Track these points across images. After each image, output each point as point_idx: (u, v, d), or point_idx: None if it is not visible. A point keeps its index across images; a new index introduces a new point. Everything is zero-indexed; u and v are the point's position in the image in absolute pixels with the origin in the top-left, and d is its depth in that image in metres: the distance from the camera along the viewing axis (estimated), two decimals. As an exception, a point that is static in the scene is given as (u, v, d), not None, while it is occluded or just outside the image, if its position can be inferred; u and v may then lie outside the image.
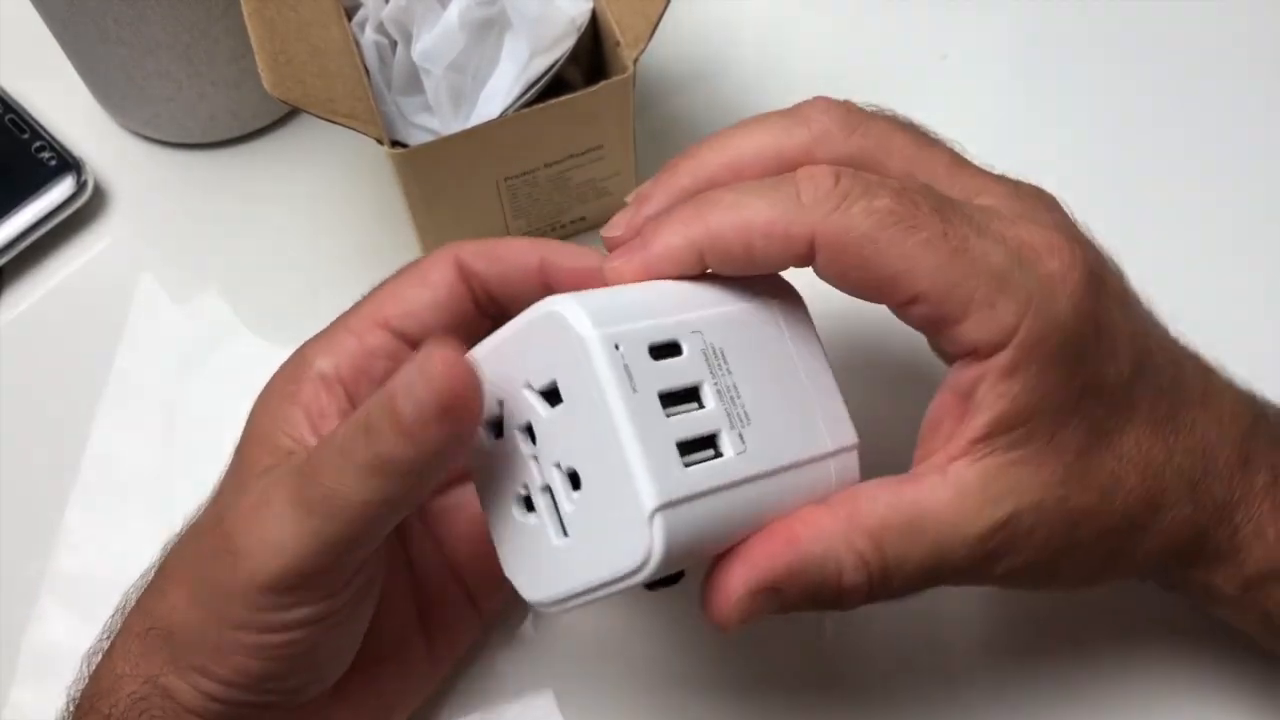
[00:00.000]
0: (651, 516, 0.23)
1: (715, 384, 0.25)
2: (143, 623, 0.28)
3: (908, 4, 0.51)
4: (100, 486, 0.40)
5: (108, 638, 0.29)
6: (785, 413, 0.26)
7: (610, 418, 0.23)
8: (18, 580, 0.38)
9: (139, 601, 0.29)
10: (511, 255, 0.29)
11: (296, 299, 0.44)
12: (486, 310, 0.29)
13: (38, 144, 0.46)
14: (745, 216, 0.25)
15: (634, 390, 0.23)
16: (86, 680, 0.29)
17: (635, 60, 0.37)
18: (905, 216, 0.25)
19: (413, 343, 0.29)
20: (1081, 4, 0.51)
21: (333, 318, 0.32)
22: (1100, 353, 0.26)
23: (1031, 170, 0.46)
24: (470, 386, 0.24)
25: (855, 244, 0.25)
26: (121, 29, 0.42)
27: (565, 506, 0.25)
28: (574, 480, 0.24)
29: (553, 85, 0.39)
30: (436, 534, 0.33)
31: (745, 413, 0.25)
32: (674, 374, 0.24)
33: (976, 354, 0.25)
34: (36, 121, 0.47)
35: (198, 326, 0.44)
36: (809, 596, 0.25)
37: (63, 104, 0.48)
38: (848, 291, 0.26)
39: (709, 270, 0.27)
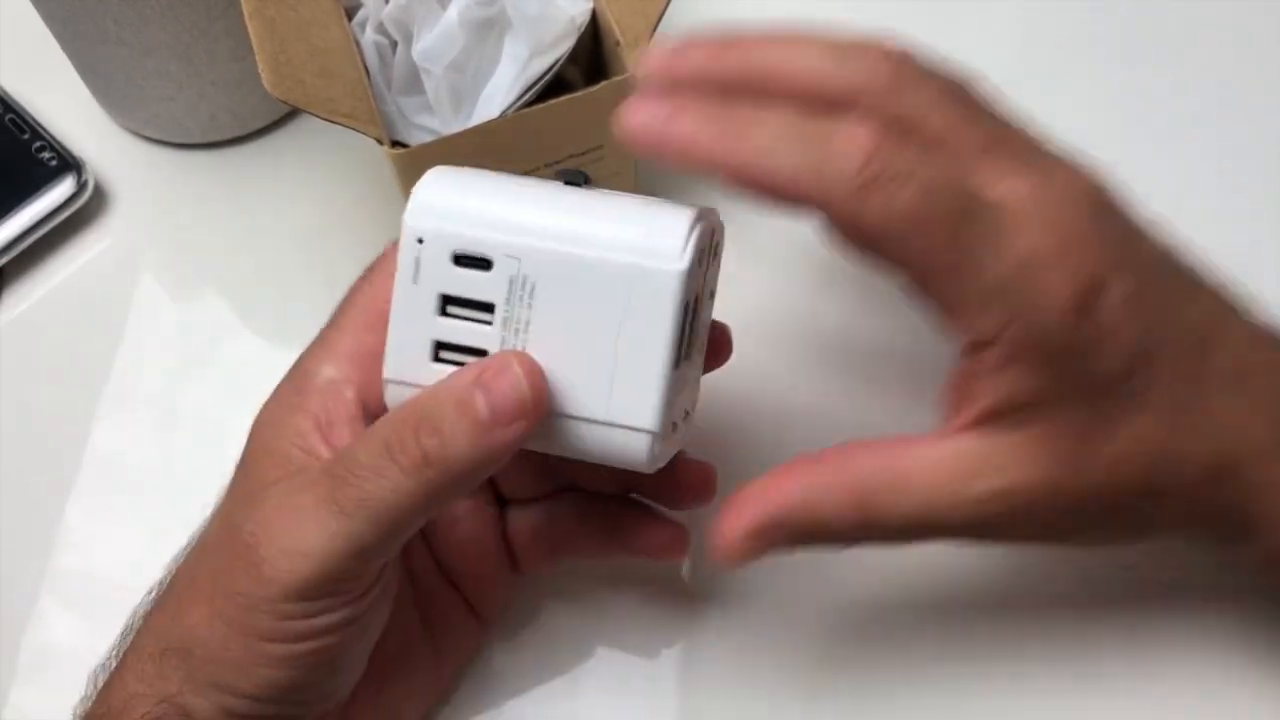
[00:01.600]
0: (385, 384, 0.27)
1: (506, 311, 0.26)
2: (156, 644, 0.28)
3: (908, 4, 0.51)
4: (100, 486, 0.40)
5: (116, 656, 0.29)
6: (567, 367, 0.26)
7: (394, 297, 0.27)
8: (18, 580, 0.38)
9: (148, 623, 0.28)
10: None
11: (296, 299, 0.44)
12: None
13: (38, 144, 0.46)
14: (773, 164, 0.25)
15: (414, 282, 0.27)
16: (94, 699, 0.29)
17: (635, 60, 0.37)
18: (920, 219, 0.25)
19: None
20: (1081, 4, 0.51)
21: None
22: (1097, 353, 0.26)
23: (1031, 170, 0.46)
24: (546, 391, 0.25)
25: (864, 230, 0.25)
26: (121, 29, 0.42)
27: None
28: None
29: (553, 85, 0.39)
30: (433, 545, 0.33)
31: (523, 347, 0.26)
32: (463, 283, 0.27)
33: (971, 347, 0.26)
34: (37, 121, 0.47)
35: (198, 326, 0.44)
36: (800, 539, 0.27)
37: (63, 104, 0.48)
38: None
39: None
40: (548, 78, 0.39)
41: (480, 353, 0.27)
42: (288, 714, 0.27)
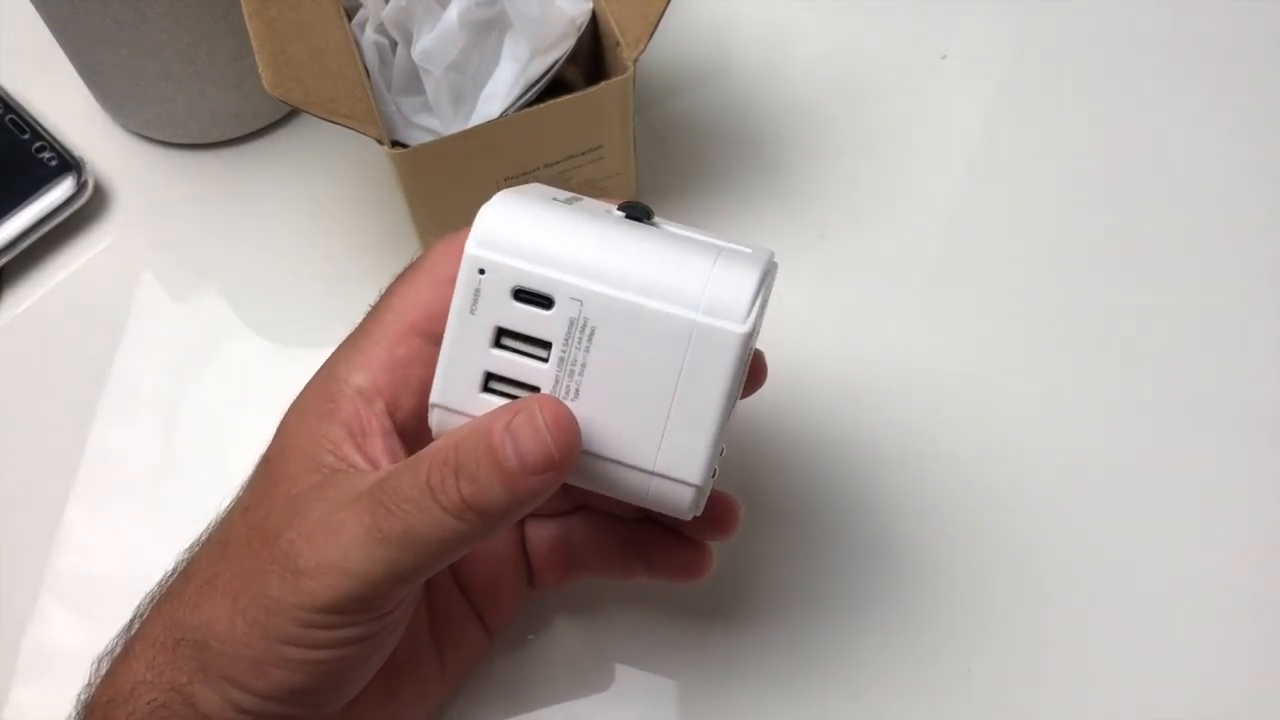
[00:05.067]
0: (431, 408, 0.27)
1: (563, 351, 0.26)
2: (170, 633, 0.28)
3: (908, 4, 0.51)
4: (100, 486, 0.40)
5: (121, 642, 0.29)
6: (619, 413, 0.26)
7: (448, 324, 0.27)
8: (18, 580, 0.38)
9: (161, 610, 0.28)
10: None
11: (297, 299, 0.44)
12: None
13: (38, 144, 0.46)
14: None
15: (471, 312, 0.26)
16: (97, 684, 0.29)
17: (635, 60, 0.37)
18: None
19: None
20: (1081, 4, 0.51)
21: (334, 318, 0.32)
22: None
23: (1031, 169, 0.46)
24: (575, 442, 0.25)
25: None
26: (122, 29, 0.42)
27: None
28: None
29: (553, 85, 0.39)
30: None
31: (576, 389, 0.26)
32: (522, 319, 0.26)
33: None
34: (37, 122, 0.47)
35: (198, 326, 0.44)
36: None
37: (63, 104, 0.48)
38: None
39: None
40: (548, 78, 0.39)
41: (532, 388, 0.26)
42: (293, 714, 0.27)
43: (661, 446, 0.26)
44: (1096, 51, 0.49)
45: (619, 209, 0.28)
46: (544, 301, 0.26)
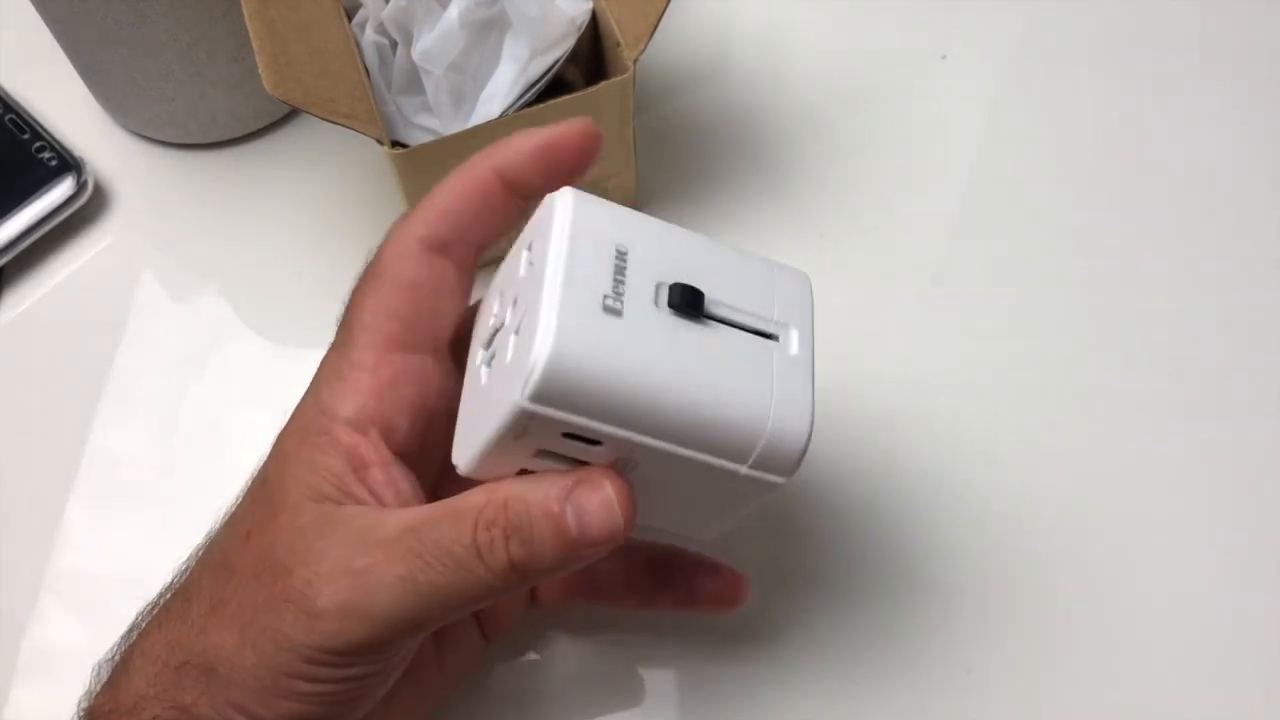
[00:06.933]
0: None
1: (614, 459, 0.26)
2: (173, 654, 0.27)
3: (908, 4, 0.51)
4: (100, 486, 0.40)
5: (120, 652, 0.29)
6: (662, 504, 0.27)
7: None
8: (18, 580, 0.38)
9: (162, 628, 0.28)
10: (457, 203, 0.29)
11: (297, 299, 0.44)
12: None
13: (38, 144, 0.46)
14: None
15: (515, 439, 0.24)
16: (98, 691, 0.28)
17: (635, 60, 0.37)
18: None
19: (423, 348, 0.29)
20: (1081, 4, 0.51)
21: (333, 318, 0.32)
22: None
23: (1031, 169, 0.46)
24: (634, 518, 0.25)
25: None
26: (122, 29, 0.42)
27: (504, 358, 0.25)
28: (516, 344, 0.25)
29: (553, 85, 0.39)
30: None
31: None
32: (569, 448, 0.25)
33: None
34: (37, 122, 0.47)
35: (198, 326, 0.44)
36: None
37: (63, 104, 0.48)
38: None
39: None
40: (548, 78, 0.39)
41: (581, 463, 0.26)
42: None
43: (700, 529, 0.29)
44: (1096, 51, 0.49)
45: (670, 299, 0.25)
46: (593, 441, 0.25)
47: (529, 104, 0.39)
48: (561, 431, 0.24)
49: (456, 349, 0.30)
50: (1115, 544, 0.38)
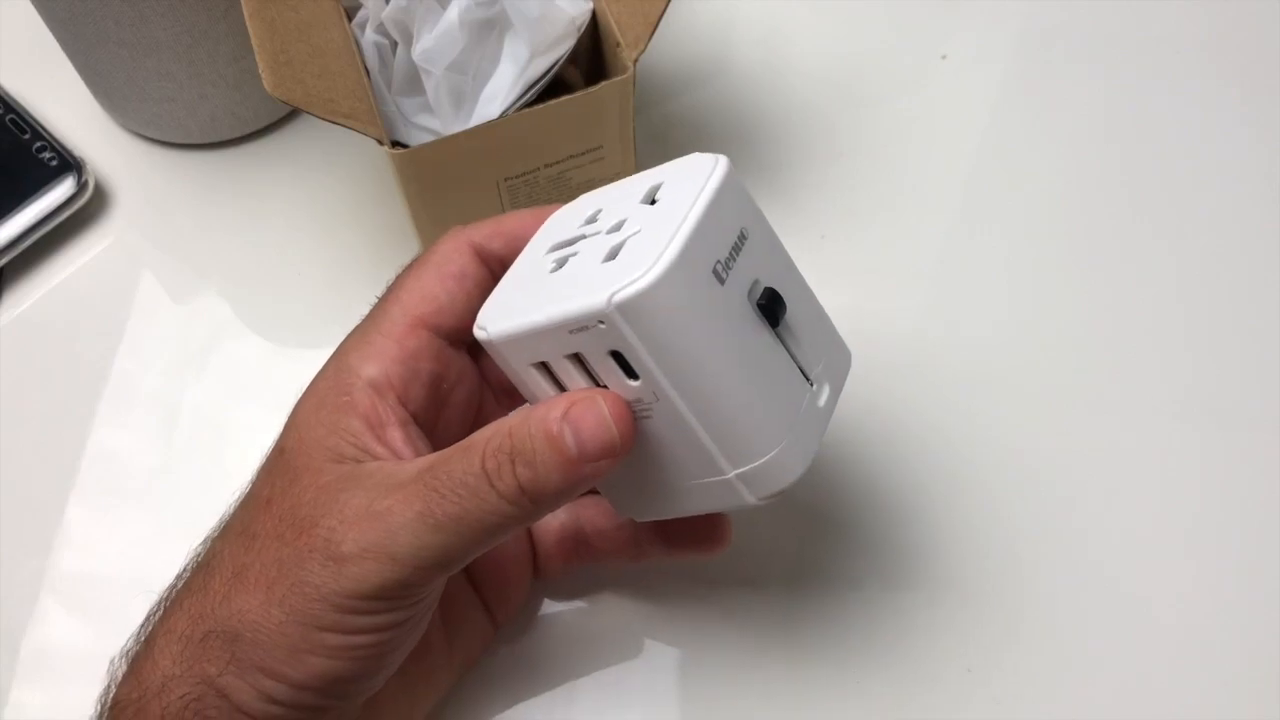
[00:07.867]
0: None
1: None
2: (196, 626, 0.27)
3: (908, 4, 0.51)
4: (100, 486, 0.40)
5: (139, 640, 0.29)
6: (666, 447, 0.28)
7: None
8: (18, 580, 0.38)
9: (183, 604, 0.28)
10: (520, 229, 0.30)
11: (297, 299, 0.44)
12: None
13: (38, 144, 0.46)
14: None
15: (570, 332, 0.26)
16: (120, 682, 0.28)
17: (635, 60, 0.37)
18: None
19: (449, 336, 0.30)
20: (1081, 4, 0.51)
21: (334, 318, 0.32)
22: None
23: (1031, 169, 0.46)
24: (633, 433, 0.26)
25: None
26: (122, 29, 0.42)
27: (591, 261, 0.26)
28: (613, 255, 0.26)
29: (553, 86, 0.39)
30: None
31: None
32: (606, 367, 0.26)
33: None
34: (37, 122, 0.47)
35: (198, 326, 0.44)
36: None
37: (63, 104, 0.48)
38: None
39: None
40: (548, 78, 0.39)
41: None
42: (324, 704, 0.27)
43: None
44: (1096, 51, 0.49)
45: (760, 297, 0.27)
46: (632, 374, 0.26)
47: (529, 104, 0.39)
48: (611, 349, 0.25)
49: (476, 352, 0.31)
50: (1117, 544, 0.38)
